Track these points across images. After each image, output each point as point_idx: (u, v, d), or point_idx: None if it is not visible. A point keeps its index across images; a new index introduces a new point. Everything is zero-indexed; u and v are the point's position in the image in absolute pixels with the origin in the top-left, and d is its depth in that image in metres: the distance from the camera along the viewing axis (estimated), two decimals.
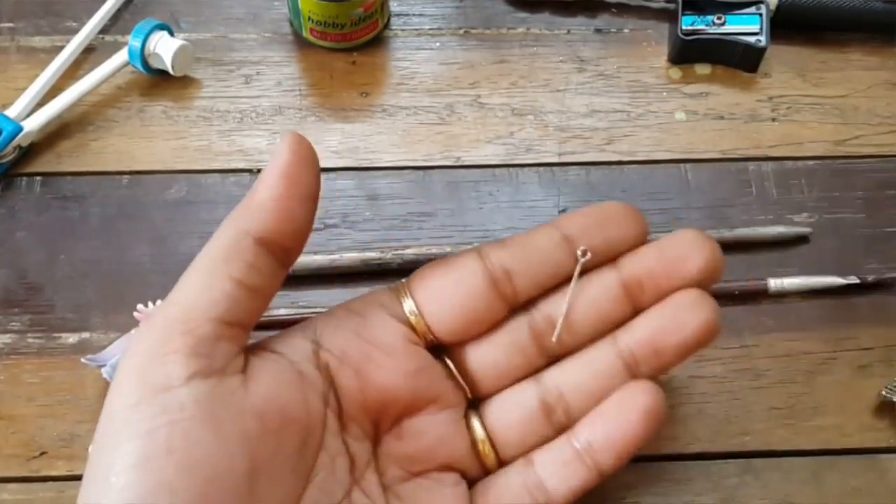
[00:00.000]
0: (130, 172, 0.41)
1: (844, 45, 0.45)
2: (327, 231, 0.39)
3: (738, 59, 0.43)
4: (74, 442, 0.35)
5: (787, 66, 0.44)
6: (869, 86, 0.43)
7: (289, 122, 0.42)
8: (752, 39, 0.42)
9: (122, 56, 0.42)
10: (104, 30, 0.44)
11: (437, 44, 0.44)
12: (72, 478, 0.34)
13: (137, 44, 0.41)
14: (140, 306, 0.36)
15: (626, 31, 0.45)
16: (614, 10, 0.45)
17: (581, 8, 0.45)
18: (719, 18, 0.43)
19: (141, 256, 0.39)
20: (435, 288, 0.30)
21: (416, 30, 0.45)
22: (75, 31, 0.43)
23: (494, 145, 0.42)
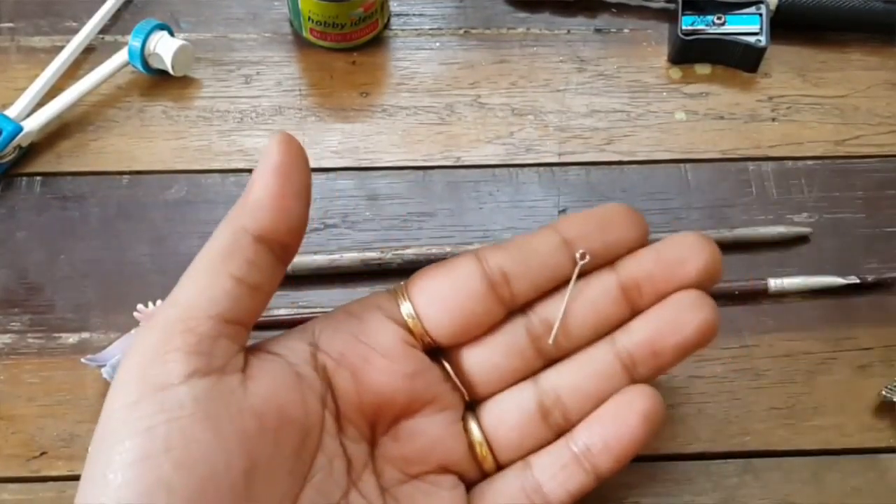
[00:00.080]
0: (130, 172, 0.41)
1: (844, 45, 0.45)
2: (327, 231, 0.39)
3: (738, 59, 0.43)
4: (74, 442, 0.35)
5: (787, 66, 0.44)
6: (869, 86, 0.43)
7: (289, 122, 0.42)
8: (752, 39, 0.42)
9: (122, 56, 0.42)
10: (104, 30, 0.44)
11: (437, 44, 0.44)
12: (72, 478, 0.34)
13: (137, 44, 0.41)
14: (140, 306, 0.36)
15: (626, 31, 0.45)
16: (614, 10, 0.45)
17: (581, 8, 0.45)
18: (719, 18, 0.43)
19: (141, 256, 0.39)
20: (433, 291, 0.30)
21: (416, 30, 0.45)
22: (75, 31, 0.43)
23: (494, 145, 0.42)
